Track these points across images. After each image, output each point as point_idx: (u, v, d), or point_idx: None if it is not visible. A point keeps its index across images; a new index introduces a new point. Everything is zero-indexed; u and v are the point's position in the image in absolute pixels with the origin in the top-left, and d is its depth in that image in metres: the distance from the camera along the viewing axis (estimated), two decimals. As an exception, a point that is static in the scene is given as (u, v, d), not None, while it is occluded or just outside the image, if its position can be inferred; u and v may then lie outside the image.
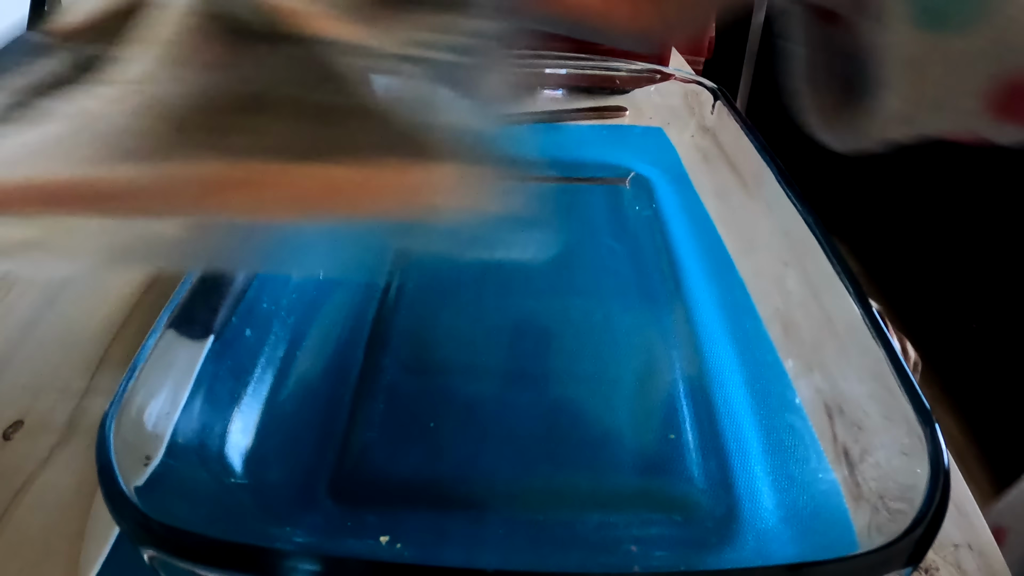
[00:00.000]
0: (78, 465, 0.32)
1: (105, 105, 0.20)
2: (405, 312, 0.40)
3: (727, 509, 0.29)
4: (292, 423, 0.32)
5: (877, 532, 0.23)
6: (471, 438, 0.32)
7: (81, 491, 0.30)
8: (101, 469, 0.21)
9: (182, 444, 0.27)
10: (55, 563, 0.27)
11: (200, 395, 0.29)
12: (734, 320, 0.38)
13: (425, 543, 0.28)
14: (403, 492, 0.30)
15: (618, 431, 0.33)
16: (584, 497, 0.30)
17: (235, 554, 0.19)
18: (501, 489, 0.30)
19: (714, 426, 0.33)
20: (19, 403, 0.35)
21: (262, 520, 0.28)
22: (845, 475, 0.27)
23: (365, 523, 0.28)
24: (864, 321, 0.28)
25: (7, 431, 0.33)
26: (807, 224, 0.34)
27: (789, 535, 0.27)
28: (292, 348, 0.36)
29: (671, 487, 0.30)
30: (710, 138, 0.50)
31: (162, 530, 0.20)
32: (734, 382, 0.35)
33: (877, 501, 0.24)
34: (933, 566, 0.27)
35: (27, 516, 0.29)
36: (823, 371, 0.31)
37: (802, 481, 0.29)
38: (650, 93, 0.56)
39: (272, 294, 0.37)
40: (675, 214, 0.49)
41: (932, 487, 0.21)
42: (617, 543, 0.28)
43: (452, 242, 0.23)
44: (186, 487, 0.26)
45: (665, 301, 0.41)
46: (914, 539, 0.20)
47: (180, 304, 0.29)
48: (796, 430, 0.31)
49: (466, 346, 0.38)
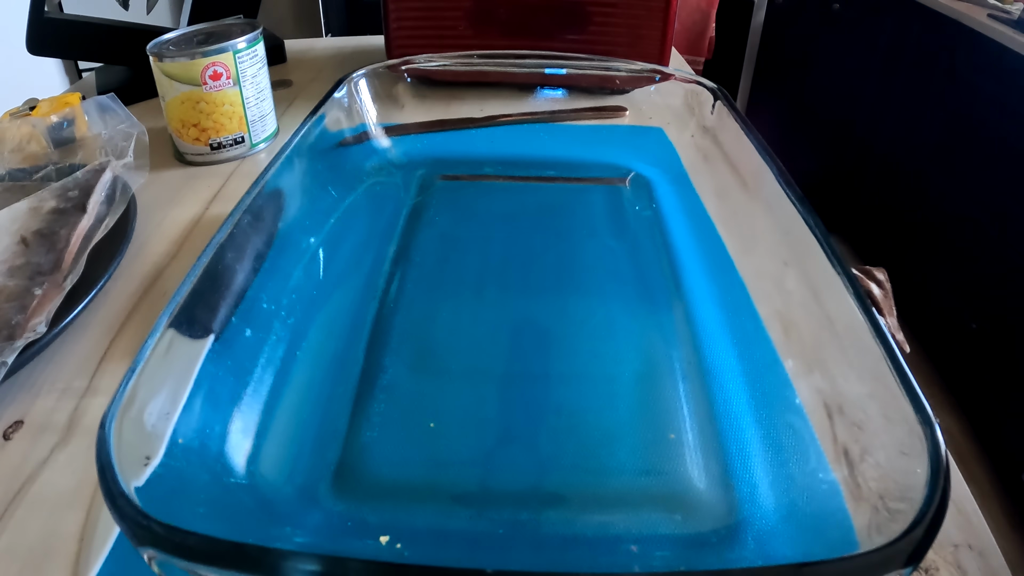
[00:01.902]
0: (78, 465, 0.32)
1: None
2: (405, 312, 0.40)
3: (727, 509, 0.29)
4: (292, 423, 0.32)
5: (877, 532, 0.23)
6: (471, 438, 0.32)
7: (81, 491, 0.30)
8: (101, 469, 0.21)
9: (182, 444, 0.27)
10: (55, 563, 0.27)
11: (200, 395, 0.29)
12: (734, 320, 0.38)
13: (425, 543, 0.28)
14: (403, 492, 0.30)
15: (618, 431, 0.33)
16: (584, 497, 0.30)
17: (235, 554, 0.19)
18: (501, 489, 0.30)
19: (714, 426, 0.33)
20: (19, 403, 0.35)
21: (262, 520, 0.28)
22: (845, 475, 0.27)
23: (365, 523, 0.28)
24: (864, 321, 0.28)
25: (7, 431, 0.33)
26: (807, 224, 0.34)
27: (789, 535, 0.27)
28: (292, 348, 0.36)
29: (671, 487, 0.30)
30: (710, 138, 0.50)
31: (162, 530, 0.20)
32: (734, 382, 0.35)
33: (877, 501, 0.24)
34: (933, 566, 0.27)
35: (27, 516, 0.29)
36: (823, 371, 0.31)
37: (802, 481, 0.29)
38: (650, 93, 0.56)
39: (272, 294, 0.37)
40: (675, 214, 0.49)
41: (932, 487, 0.21)
42: (617, 543, 0.28)
43: None
44: (186, 487, 0.26)
45: (665, 301, 0.41)
46: (914, 539, 0.20)
47: (180, 304, 0.29)
48: (796, 430, 0.31)
49: (466, 346, 0.38)
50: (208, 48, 0.54)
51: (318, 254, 0.43)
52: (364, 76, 0.53)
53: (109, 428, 0.23)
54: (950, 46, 1.40)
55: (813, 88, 1.93)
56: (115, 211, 0.47)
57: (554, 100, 0.58)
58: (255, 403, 0.32)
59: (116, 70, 0.75)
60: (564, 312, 0.40)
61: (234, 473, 0.29)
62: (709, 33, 1.88)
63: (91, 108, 0.57)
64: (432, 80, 0.59)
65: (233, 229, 0.34)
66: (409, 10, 0.66)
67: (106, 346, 0.39)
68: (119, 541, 0.28)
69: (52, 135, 0.55)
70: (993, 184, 1.29)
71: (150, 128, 0.57)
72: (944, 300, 1.43)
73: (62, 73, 1.67)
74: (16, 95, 0.69)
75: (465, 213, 0.50)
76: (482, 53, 0.55)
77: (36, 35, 0.66)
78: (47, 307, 0.38)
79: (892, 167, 1.64)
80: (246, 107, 0.57)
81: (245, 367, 0.33)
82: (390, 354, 0.37)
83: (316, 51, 0.86)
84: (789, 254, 0.36)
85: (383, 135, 0.55)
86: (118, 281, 0.44)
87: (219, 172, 0.57)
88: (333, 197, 0.47)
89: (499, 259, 0.45)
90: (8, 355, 0.34)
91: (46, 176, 0.50)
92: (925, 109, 1.50)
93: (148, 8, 0.76)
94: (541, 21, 0.66)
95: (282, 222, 0.40)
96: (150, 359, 0.26)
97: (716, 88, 0.50)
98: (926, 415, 0.23)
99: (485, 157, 0.56)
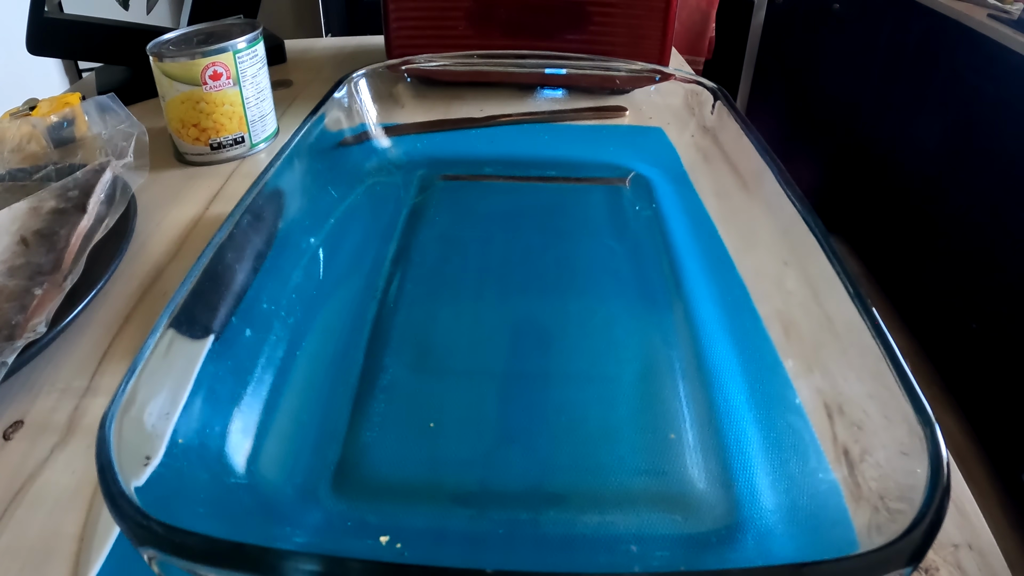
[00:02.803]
0: (78, 465, 0.32)
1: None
2: (405, 312, 0.40)
3: (727, 509, 0.29)
4: (292, 423, 0.32)
5: (877, 532, 0.23)
6: (471, 438, 0.32)
7: (81, 491, 0.30)
8: (101, 469, 0.21)
9: (182, 444, 0.27)
10: (55, 563, 0.27)
11: (200, 395, 0.29)
12: (734, 320, 0.38)
13: (425, 543, 0.28)
14: (403, 492, 0.30)
15: (618, 431, 0.33)
16: (584, 497, 0.30)
17: (235, 554, 0.19)
18: (501, 489, 0.30)
19: (714, 426, 0.33)
20: (19, 403, 0.35)
21: (262, 520, 0.28)
22: (845, 475, 0.27)
23: (365, 523, 0.28)
24: (864, 321, 0.28)
25: (7, 431, 0.33)
26: (807, 224, 0.34)
27: (789, 535, 0.27)
28: (292, 348, 0.36)
29: (671, 487, 0.30)
30: (710, 138, 0.50)
31: (162, 530, 0.20)
32: (734, 382, 0.35)
33: (877, 501, 0.24)
34: (933, 566, 0.27)
35: (27, 516, 0.29)
36: (823, 371, 0.31)
37: (802, 481, 0.29)
38: (650, 93, 0.56)
39: (272, 294, 0.37)
40: (675, 214, 0.49)
41: (932, 487, 0.21)
42: (617, 543, 0.28)
43: None
44: (186, 487, 0.26)
45: (665, 301, 0.41)
46: (914, 539, 0.20)
47: (180, 304, 0.29)
48: (796, 430, 0.31)
49: (466, 346, 0.38)
50: (208, 48, 0.54)
51: (318, 254, 0.43)
52: (364, 76, 0.53)
53: (109, 428, 0.23)
54: (950, 46, 1.40)
55: (813, 88, 1.93)
56: (115, 211, 0.47)
57: (554, 100, 0.58)
58: (255, 403, 0.32)
59: (116, 70, 0.75)
60: (564, 312, 0.40)
61: (234, 473, 0.29)
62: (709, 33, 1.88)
63: (91, 108, 0.57)
64: (432, 80, 0.59)
65: (233, 229, 0.34)
66: (409, 10, 0.66)
67: (106, 346, 0.39)
68: (119, 541, 0.28)
69: (52, 135, 0.55)
70: (993, 184, 1.29)
71: (150, 128, 0.57)
72: (944, 300, 1.43)
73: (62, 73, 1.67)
74: (16, 95, 0.69)
75: (465, 213, 0.50)
76: (482, 53, 0.55)
77: (36, 35, 0.66)
78: (47, 307, 0.38)
79: (892, 167, 1.64)
80: (246, 107, 0.57)
81: (245, 367, 0.33)
82: (390, 354, 0.37)
83: (316, 51, 0.86)
84: (789, 254, 0.36)
85: (383, 135, 0.55)
86: (118, 281, 0.44)
87: (219, 172, 0.57)
88: (333, 197, 0.47)
89: (499, 259, 0.45)
90: (8, 355, 0.34)
91: (46, 176, 0.50)
92: (925, 109, 1.50)
93: (148, 8, 0.76)
94: (541, 21, 0.66)
95: (282, 222, 0.40)
96: (150, 359, 0.26)
97: (716, 88, 0.50)
98: (926, 415, 0.23)
99: (485, 157, 0.56)
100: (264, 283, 0.36)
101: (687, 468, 0.31)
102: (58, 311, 0.38)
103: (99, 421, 0.23)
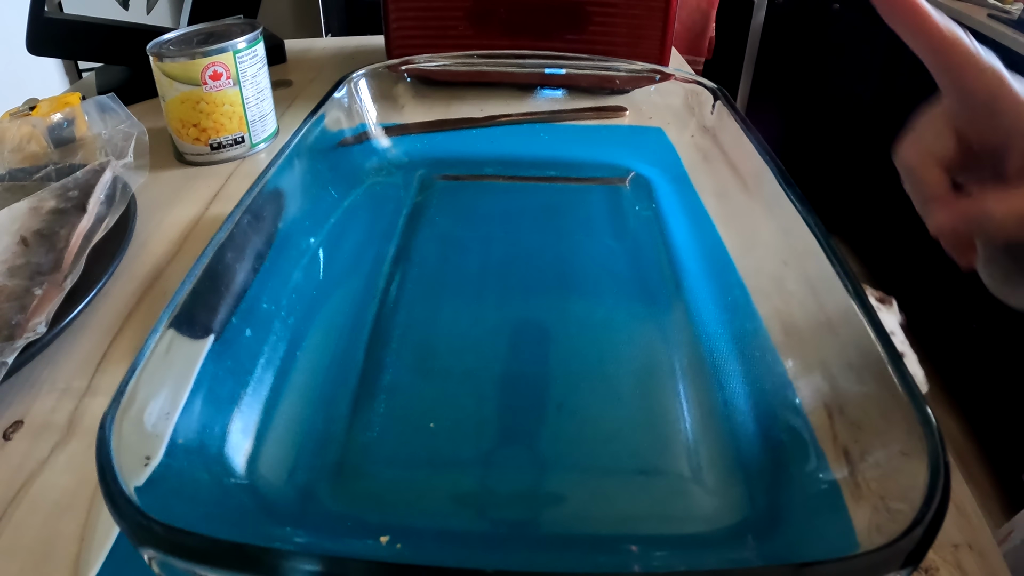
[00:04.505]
0: (78, 465, 0.32)
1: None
2: (405, 312, 0.40)
3: (727, 509, 0.29)
4: (292, 423, 0.32)
5: (877, 532, 0.22)
6: (471, 438, 0.32)
7: (81, 491, 0.30)
8: (101, 469, 0.21)
9: (182, 444, 0.27)
10: (55, 563, 0.27)
11: (200, 395, 0.29)
12: (734, 320, 0.38)
13: (425, 543, 0.28)
14: (403, 492, 0.30)
15: (618, 431, 0.33)
16: (584, 497, 0.30)
17: (235, 554, 0.19)
18: (501, 489, 0.30)
19: (714, 426, 0.33)
20: (19, 403, 0.35)
21: (262, 520, 0.28)
22: (845, 475, 0.27)
23: (365, 523, 0.28)
24: (864, 321, 0.28)
25: (7, 431, 0.33)
26: (807, 224, 0.34)
27: (789, 535, 0.27)
28: (292, 348, 0.36)
29: (671, 487, 0.30)
30: (710, 138, 0.50)
31: (162, 530, 0.20)
32: (734, 382, 0.35)
33: (877, 501, 0.24)
34: (933, 566, 0.27)
35: (27, 516, 0.29)
36: (823, 371, 0.31)
37: (802, 481, 0.29)
38: (650, 93, 0.56)
39: (272, 294, 0.37)
40: (675, 214, 0.49)
41: (932, 487, 0.21)
42: (617, 543, 0.28)
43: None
44: (186, 487, 0.26)
45: (665, 301, 0.41)
46: (914, 539, 0.20)
47: (180, 304, 0.29)
48: (796, 430, 0.31)
49: (466, 346, 0.38)
50: (208, 48, 0.54)
51: (318, 254, 0.43)
52: (364, 76, 0.53)
53: (109, 428, 0.23)
54: (950, 46, 1.39)
55: (813, 88, 1.93)
56: (115, 211, 0.47)
57: (554, 100, 0.58)
58: (255, 403, 0.32)
59: (116, 70, 0.75)
60: (564, 312, 0.40)
61: (234, 473, 0.29)
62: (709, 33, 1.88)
63: (91, 108, 0.57)
64: (432, 80, 0.59)
65: (233, 229, 0.34)
66: (409, 10, 0.66)
67: (106, 346, 0.39)
68: (119, 541, 0.28)
69: (52, 135, 0.55)
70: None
71: (150, 128, 0.57)
72: (944, 300, 1.43)
73: (62, 73, 1.68)
74: (16, 95, 0.69)
75: (465, 213, 0.50)
76: (482, 53, 0.55)
77: (36, 35, 0.66)
78: (47, 307, 0.38)
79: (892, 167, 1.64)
80: (246, 107, 0.57)
81: (245, 367, 0.33)
82: (390, 354, 0.37)
83: (316, 51, 0.86)
84: (789, 254, 0.36)
85: (383, 135, 0.55)
86: (118, 281, 0.44)
87: (219, 172, 0.57)
88: (333, 197, 0.47)
89: (499, 259, 0.45)
90: (8, 355, 0.34)
91: (46, 176, 0.50)
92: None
93: (148, 8, 0.76)
94: (541, 21, 0.66)
95: (282, 222, 0.40)
96: (150, 359, 0.26)
97: (716, 88, 0.50)
98: (926, 415, 0.23)
99: (485, 157, 0.56)
100: (264, 283, 0.36)
101: (687, 468, 0.31)
102: (58, 311, 0.38)
103: (99, 421, 0.23)
